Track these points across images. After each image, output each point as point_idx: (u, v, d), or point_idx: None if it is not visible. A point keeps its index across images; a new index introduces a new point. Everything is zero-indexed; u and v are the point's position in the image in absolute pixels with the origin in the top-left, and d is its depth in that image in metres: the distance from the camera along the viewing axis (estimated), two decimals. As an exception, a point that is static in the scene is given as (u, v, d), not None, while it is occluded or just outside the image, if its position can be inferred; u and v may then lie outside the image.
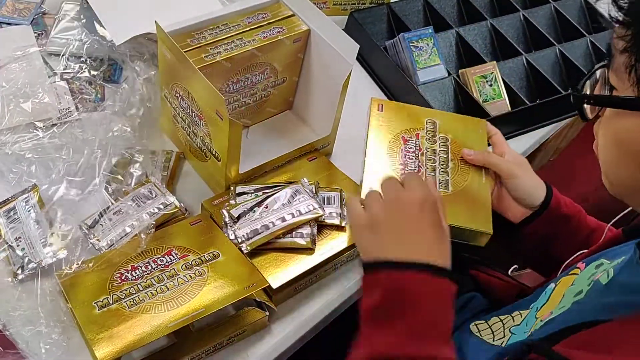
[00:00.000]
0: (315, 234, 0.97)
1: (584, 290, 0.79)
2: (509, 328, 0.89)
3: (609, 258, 0.82)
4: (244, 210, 0.97)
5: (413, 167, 1.04)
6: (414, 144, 1.08)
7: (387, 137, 1.08)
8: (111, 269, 0.90)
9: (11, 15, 1.24)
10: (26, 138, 1.05)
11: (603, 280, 0.77)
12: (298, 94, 1.18)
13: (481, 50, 1.39)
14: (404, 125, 1.10)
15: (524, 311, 0.90)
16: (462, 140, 1.09)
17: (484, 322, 0.94)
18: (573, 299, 0.79)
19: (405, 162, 1.05)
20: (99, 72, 1.17)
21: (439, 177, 1.04)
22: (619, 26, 0.64)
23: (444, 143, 1.08)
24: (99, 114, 1.11)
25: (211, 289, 0.88)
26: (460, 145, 1.08)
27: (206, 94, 0.93)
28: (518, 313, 0.91)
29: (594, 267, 0.83)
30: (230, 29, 1.04)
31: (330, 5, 1.40)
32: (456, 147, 1.08)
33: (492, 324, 0.93)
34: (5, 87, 1.09)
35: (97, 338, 0.82)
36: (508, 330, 0.88)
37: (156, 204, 1.00)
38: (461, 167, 1.06)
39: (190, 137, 1.06)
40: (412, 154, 1.06)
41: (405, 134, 1.09)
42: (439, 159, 1.06)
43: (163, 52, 0.99)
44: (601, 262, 0.83)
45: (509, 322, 0.90)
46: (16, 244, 0.93)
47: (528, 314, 0.89)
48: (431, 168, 1.05)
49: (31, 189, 0.99)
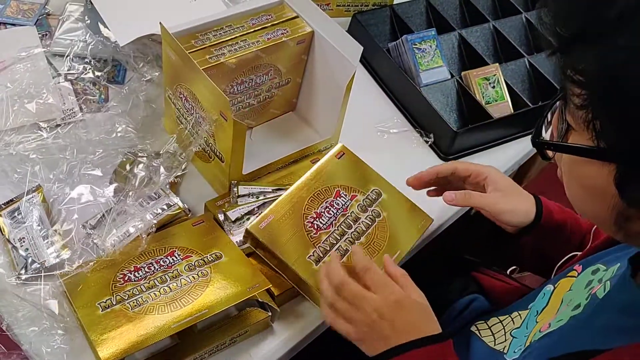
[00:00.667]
0: None
1: (582, 305, 0.78)
2: (510, 331, 0.89)
3: (605, 263, 0.82)
4: (241, 214, 0.98)
5: (324, 222, 0.97)
6: (343, 203, 1.00)
7: (325, 182, 1.02)
8: (114, 270, 0.91)
9: (15, 16, 1.25)
10: (30, 138, 1.06)
11: (599, 294, 0.77)
12: (301, 95, 1.19)
13: (484, 52, 1.40)
14: (348, 181, 1.03)
15: (523, 312, 0.90)
16: (393, 224, 1.01)
17: (484, 322, 0.94)
18: (571, 312, 0.79)
19: (321, 213, 0.98)
20: (103, 73, 1.17)
21: (341, 244, 0.96)
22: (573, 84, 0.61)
23: (373, 217, 1.00)
24: (102, 115, 1.11)
25: (214, 290, 0.89)
26: (387, 228, 1.00)
27: (210, 95, 0.94)
28: (517, 314, 0.91)
29: (590, 273, 0.83)
30: (235, 31, 1.04)
31: (333, 7, 1.40)
32: (381, 228, 1.00)
33: (491, 324, 0.93)
34: (10, 88, 1.10)
35: (100, 339, 0.82)
36: (509, 334, 0.88)
37: (160, 204, 1.00)
38: (370, 247, 0.97)
39: (193, 137, 1.06)
40: (334, 210, 0.99)
41: (342, 190, 1.02)
42: (355, 229, 0.98)
43: (167, 53, 1.00)
44: (597, 267, 0.83)
45: (509, 324, 0.90)
46: (20, 244, 0.94)
47: (527, 316, 0.89)
48: (341, 232, 0.97)
49: (35, 189, 0.99)
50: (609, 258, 0.83)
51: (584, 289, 0.81)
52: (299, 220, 0.96)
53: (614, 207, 0.64)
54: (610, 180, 0.62)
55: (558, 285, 0.88)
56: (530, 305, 0.90)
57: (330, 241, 0.95)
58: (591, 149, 0.62)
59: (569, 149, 0.67)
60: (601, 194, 0.64)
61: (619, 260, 0.79)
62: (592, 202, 0.68)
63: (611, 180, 0.61)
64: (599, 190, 0.64)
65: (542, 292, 0.90)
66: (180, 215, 1.01)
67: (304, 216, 0.96)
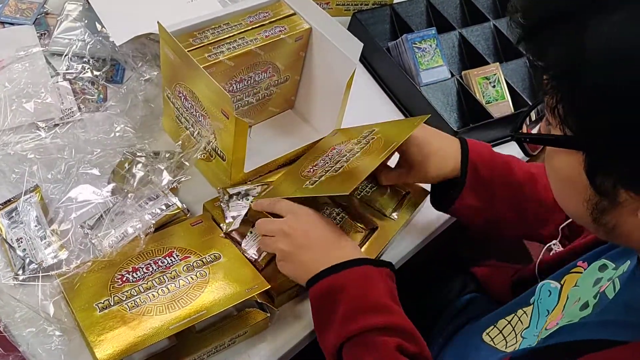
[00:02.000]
0: None
1: (590, 304, 0.78)
2: (520, 333, 0.88)
3: (612, 259, 0.82)
4: None
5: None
6: (342, 147, 1.03)
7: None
8: (112, 270, 0.90)
9: (14, 15, 1.24)
10: (28, 138, 1.05)
11: (609, 293, 0.76)
12: (300, 92, 1.18)
13: (484, 51, 1.39)
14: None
15: (527, 308, 0.90)
16: (387, 134, 1.02)
17: (494, 328, 0.93)
18: (580, 312, 0.78)
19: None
20: (101, 73, 1.17)
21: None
22: (539, 70, 0.64)
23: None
24: (101, 114, 1.11)
25: (213, 291, 0.88)
26: (382, 138, 1.01)
27: (211, 93, 0.93)
28: (522, 311, 0.90)
29: (597, 269, 0.82)
30: (232, 28, 1.04)
31: (333, 6, 1.40)
32: (378, 140, 1.01)
33: (502, 328, 0.92)
34: (8, 87, 1.09)
35: (98, 340, 0.82)
36: (520, 335, 0.88)
37: (158, 204, 1.00)
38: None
39: (194, 136, 1.05)
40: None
41: (338, 145, 1.05)
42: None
43: (166, 52, 0.99)
44: (603, 263, 0.82)
45: (517, 324, 0.90)
46: (17, 245, 0.93)
47: (534, 314, 0.88)
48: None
49: (33, 189, 0.99)
50: (615, 253, 0.82)
51: (592, 287, 0.80)
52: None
53: (589, 200, 0.65)
54: (581, 170, 0.63)
55: (564, 282, 0.87)
56: (532, 300, 0.89)
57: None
58: (558, 138, 0.64)
59: (539, 139, 0.71)
60: (575, 186, 0.65)
61: (627, 255, 0.79)
62: (569, 197, 0.69)
63: (582, 169, 0.63)
64: (572, 182, 0.65)
65: (547, 290, 0.89)
66: (179, 216, 1.00)
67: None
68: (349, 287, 0.85)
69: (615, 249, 0.82)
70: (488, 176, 0.99)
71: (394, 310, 0.85)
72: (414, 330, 0.85)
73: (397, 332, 0.83)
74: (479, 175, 0.99)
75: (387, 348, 0.81)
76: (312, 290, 0.87)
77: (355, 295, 0.84)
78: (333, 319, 0.84)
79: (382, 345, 0.81)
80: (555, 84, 0.62)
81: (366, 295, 0.85)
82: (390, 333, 0.82)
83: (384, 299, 0.85)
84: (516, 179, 1.00)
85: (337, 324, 0.84)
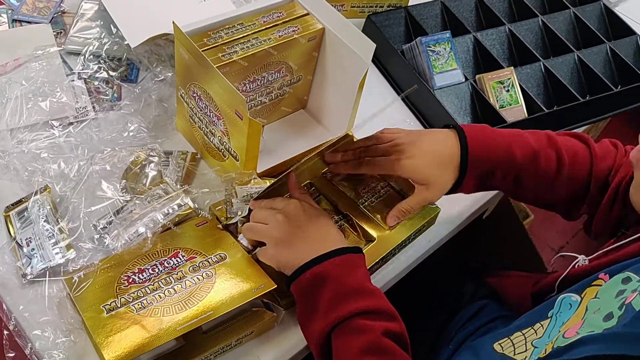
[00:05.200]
0: None
1: (615, 315, 0.75)
2: (531, 342, 0.87)
3: (637, 272, 0.79)
4: None
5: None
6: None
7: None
8: (118, 272, 0.91)
9: (31, 14, 1.26)
10: (42, 137, 1.06)
11: (636, 305, 0.74)
12: (312, 93, 1.18)
13: (499, 55, 1.39)
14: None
15: (545, 321, 0.88)
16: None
17: (507, 339, 0.91)
18: (603, 323, 0.74)
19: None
20: (117, 73, 1.17)
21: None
22: None
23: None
24: (115, 114, 1.12)
25: (219, 291, 0.89)
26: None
27: (225, 93, 0.94)
28: (540, 325, 0.88)
29: (620, 281, 0.80)
30: (246, 28, 1.04)
31: (347, 8, 1.40)
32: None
33: (514, 339, 0.91)
34: (25, 86, 1.10)
35: (106, 341, 0.82)
36: (530, 344, 0.86)
37: (170, 204, 1.00)
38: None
39: (207, 136, 1.06)
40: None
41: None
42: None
43: (180, 52, 1.00)
44: (627, 275, 0.80)
45: (531, 335, 0.88)
46: (26, 245, 0.94)
47: (549, 325, 0.86)
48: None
49: (44, 189, 0.99)
50: (639, 266, 0.80)
51: (614, 298, 0.78)
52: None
53: None
54: None
55: (585, 295, 0.85)
56: (550, 313, 0.88)
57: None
58: None
59: None
60: None
61: None
62: None
63: None
64: None
65: (568, 303, 0.87)
66: (192, 216, 1.01)
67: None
68: (332, 275, 0.87)
69: None
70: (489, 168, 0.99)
71: (376, 293, 0.88)
72: (394, 311, 0.87)
73: (381, 314, 0.86)
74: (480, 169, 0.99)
75: (374, 332, 0.83)
76: (296, 282, 0.88)
77: (339, 282, 0.87)
78: (318, 307, 0.86)
79: (370, 329, 0.84)
80: None
81: (349, 281, 0.87)
82: (375, 316, 0.85)
83: (366, 283, 0.89)
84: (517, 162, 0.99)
85: (322, 312, 0.85)
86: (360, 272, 0.90)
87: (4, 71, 1.13)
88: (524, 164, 0.99)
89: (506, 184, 1.01)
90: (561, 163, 0.99)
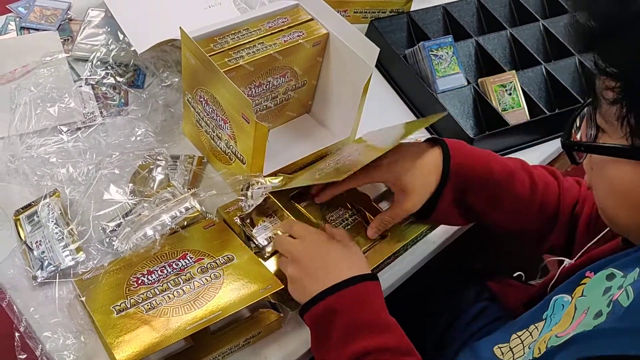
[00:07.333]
0: None
1: (604, 312, 0.76)
2: (528, 345, 0.88)
3: (620, 268, 0.81)
4: None
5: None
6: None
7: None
8: (127, 273, 0.92)
9: (38, 22, 1.27)
10: (51, 142, 1.08)
11: (623, 302, 0.74)
12: (316, 97, 1.20)
13: (500, 59, 1.40)
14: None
15: (539, 323, 0.89)
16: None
17: (507, 345, 0.92)
18: (593, 321, 0.75)
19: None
20: (123, 79, 1.19)
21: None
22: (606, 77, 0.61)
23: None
24: (122, 119, 1.13)
25: (227, 292, 0.90)
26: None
27: (232, 97, 0.95)
28: (534, 327, 0.90)
29: (604, 278, 0.81)
30: (252, 34, 1.05)
31: (350, 14, 1.41)
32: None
33: (513, 345, 0.92)
34: (34, 92, 1.12)
35: (116, 342, 0.83)
36: (527, 347, 0.87)
37: (178, 207, 1.01)
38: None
39: (214, 140, 1.07)
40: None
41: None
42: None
43: (187, 57, 1.01)
44: (611, 272, 0.81)
45: (527, 339, 0.89)
46: (36, 247, 0.95)
47: (543, 327, 0.87)
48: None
49: (53, 193, 1.01)
50: (621, 263, 0.81)
51: (601, 296, 0.80)
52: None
53: None
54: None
55: (575, 294, 0.86)
56: (544, 315, 0.89)
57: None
58: (625, 147, 0.62)
59: (601, 149, 0.66)
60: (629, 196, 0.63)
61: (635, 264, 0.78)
62: (627, 208, 0.66)
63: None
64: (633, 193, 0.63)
65: (561, 304, 0.88)
66: (199, 219, 1.02)
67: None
68: (343, 308, 0.84)
69: (625, 258, 0.81)
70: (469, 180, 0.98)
71: (391, 326, 0.85)
72: (410, 345, 0.84)
73: (396, 352, 0.82)
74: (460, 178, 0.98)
75: None
76: (307, 316, 0.86)
77: (350, 315, 0.83)
78: (330, 341, 0.84)
79: None
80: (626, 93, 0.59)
81: (361, 315, 0.84)
82: (390, 355, 0.82)
83: (382, 314, 0.85)
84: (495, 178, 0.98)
85: (334, 347, 0.83)
86: (374, 302, 0.86)
87: (12, 78, 1.15)
88: (501, 182, 0.98)
89: (482, 201, 0.99)
90: (534, 189, 0.99)
